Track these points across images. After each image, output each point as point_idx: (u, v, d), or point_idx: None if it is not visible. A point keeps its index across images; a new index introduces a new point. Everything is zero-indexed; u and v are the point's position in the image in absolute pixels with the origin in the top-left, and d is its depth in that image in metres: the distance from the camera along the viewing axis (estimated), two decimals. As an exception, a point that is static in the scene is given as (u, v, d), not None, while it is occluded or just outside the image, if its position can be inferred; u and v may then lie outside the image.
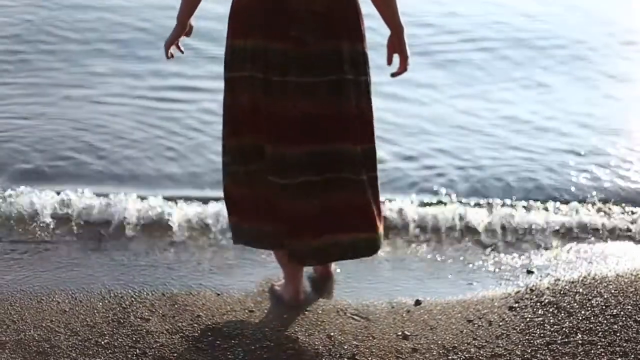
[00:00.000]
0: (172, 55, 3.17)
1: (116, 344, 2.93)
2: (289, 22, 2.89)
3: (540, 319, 3.19)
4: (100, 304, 3.22)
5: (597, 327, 3.13)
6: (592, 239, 4.00)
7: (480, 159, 4.84)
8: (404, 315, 3.22)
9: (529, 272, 3.64)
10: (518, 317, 3.20)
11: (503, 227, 4.06)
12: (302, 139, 2.96)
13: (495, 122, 5.37)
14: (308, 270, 3.44)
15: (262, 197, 3.06)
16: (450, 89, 5.84)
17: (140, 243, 3.77)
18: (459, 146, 4.99)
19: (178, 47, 3.19)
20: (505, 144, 5.07)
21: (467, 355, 2.93)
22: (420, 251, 3.80)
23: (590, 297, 3.37)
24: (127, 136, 4.83)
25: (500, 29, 7.17)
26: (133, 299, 3.27)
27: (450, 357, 2.91)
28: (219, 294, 3.34)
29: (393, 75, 3.11)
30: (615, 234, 4.08)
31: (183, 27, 3.13)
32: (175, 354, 2.87)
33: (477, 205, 4.28)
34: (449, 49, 6.60)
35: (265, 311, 3.19)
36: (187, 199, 4.12)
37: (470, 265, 3.69)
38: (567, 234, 4.04)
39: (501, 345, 3.00)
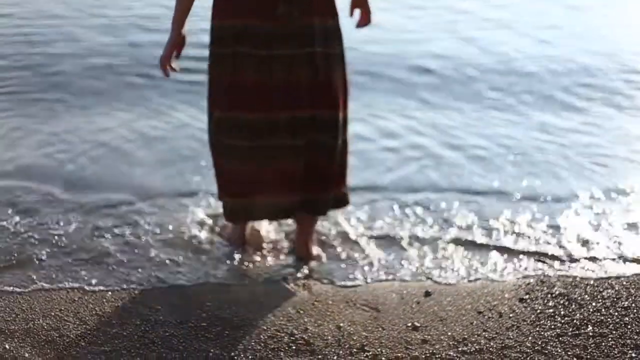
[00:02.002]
0: (168, 75, 3.32)
1: (125, 333, 2.93)
2: (275, 1, 3.17)
3: (551, 310, 3.17)
4: (110, 293, 3.22)
5: (609, 320, 3.11)
6: (604, 229, 3.96)
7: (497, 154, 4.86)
8: (414, 306, 3.20)
9: (540, 261, 3.62)
10: (529, 308, 3.18)
11: (514, 218, 4.03)
12: (284, 106, 3.25)
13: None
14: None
15: (246, 167, 3.33)
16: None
17: (149, 234, 3.77)
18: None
19: (171, 66, 3.30)
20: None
21: (477, 347, 2.91)
22: (430, 242, 3.78)
23: (601, 289, 3.35)
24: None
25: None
26: (142, 289, 3.26)
27: (460, 349, 2.90)
28: (227, 285, 3.34)
29: (357, 27, 3.46)
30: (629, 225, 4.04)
31: (178, 34, 3.26)
32: (183, 344, 2.86)
33: (488, 195, 4.28)
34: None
35: (274, 302, 3.18)
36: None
37: (481, 256, 3.67)
38: (577, 225, 4.01)
39: (511, 337, 2.98)
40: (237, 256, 3.58)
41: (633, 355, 2.89)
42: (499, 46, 6.91)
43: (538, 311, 3.16)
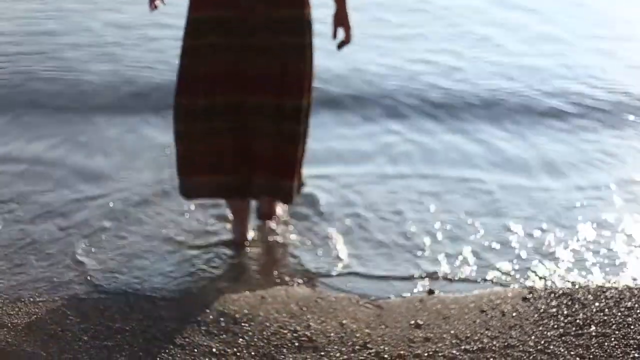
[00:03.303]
0: (156, 7, 3.39)
1: (127, 328, 2.93)
2: None
3: (554, 310, 3.16)
4: (112, 288, 3.22)
5: (611, 320, 3.10)
6: (609, 226, 3.95)
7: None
8: (417, 304, 3.20)
9: (543, 262, 3.62)
10: (532, 308, 3.18)
11: (517, 216, 4.03)
12: (253, 93, 3.37)
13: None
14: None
15: (220, 149, 3.42)
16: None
17: (149, 232, 3.77)
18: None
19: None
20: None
21: (479, 346, 2.91)
22: (432, 240, 3.77)
23: (604, 289, 3.34)
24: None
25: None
26: (144, 285, 3.26)
27: (463, 347, 2.89)
28: (230, 281, 3.34)
29: (339, 46, 3.51)
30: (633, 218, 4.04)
31: None
32: (186, 339, 2.86)
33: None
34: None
35: (278, 298, 3.18)
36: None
37: (484, 255, 3.66)
38: (582, 223, 4.00)
39: (514, 336, 2.98)
40: (240, 253, 3.59)
41: (636, 355, 2.88)
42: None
43: (541, 310, 3.16)
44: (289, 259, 3.59)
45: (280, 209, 3.89)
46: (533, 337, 2.97)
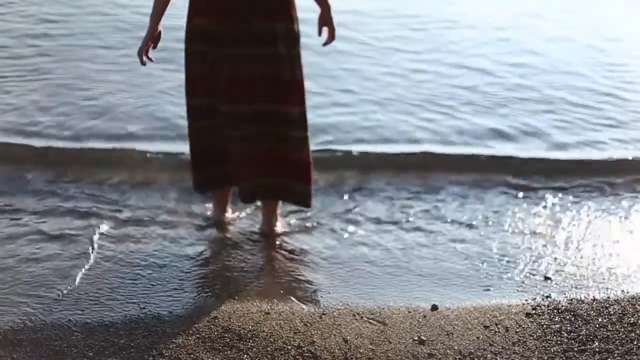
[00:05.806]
0: (144, 63, 3.60)
1: (133, 344, 2.94)
2: (235, 5, 3.50)
3: (557, 326, 3.17)
4: (117, 303, 3.23)
5: (614, 335, 3.11)
6: (611, 242, 3.97)
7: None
8: (421, 320, 3.21)
9: (546, 278, 3.62)
10: (535, 323, 3.19)
11: (520, 232, 4.04)
12: (248, 99, 3.58)
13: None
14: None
15: (216, 145, 3.70)
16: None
17: (153, 242, 3.79)
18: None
19: (147, 56, 3.57)
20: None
21: (483, 361, 2.92)
22: (436, 255, 3.79)
23: (607, 305, 3.35)
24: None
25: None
26: (150, 300, 3.27)
27: (466, 363, 2.91)
28: (235, 297, 3.35)
29: (324, 44, 3.78)
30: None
31: (155, 29, 3.59)
32: (191, 355, 2.87)
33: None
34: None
35: (281, 314, 3.19)
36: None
37: (487, 271, 3.68)
38: (584, 238, 4.02)
39: (518, 351, 2.99)
40: (245, 268, 3.60)
41: (639, 371, 2.89)
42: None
43: (544, 326, 3.17)
44: (293, 275, 3.59)
45: (280, 225, 3.91)
46: (536, 353, 2.98)
